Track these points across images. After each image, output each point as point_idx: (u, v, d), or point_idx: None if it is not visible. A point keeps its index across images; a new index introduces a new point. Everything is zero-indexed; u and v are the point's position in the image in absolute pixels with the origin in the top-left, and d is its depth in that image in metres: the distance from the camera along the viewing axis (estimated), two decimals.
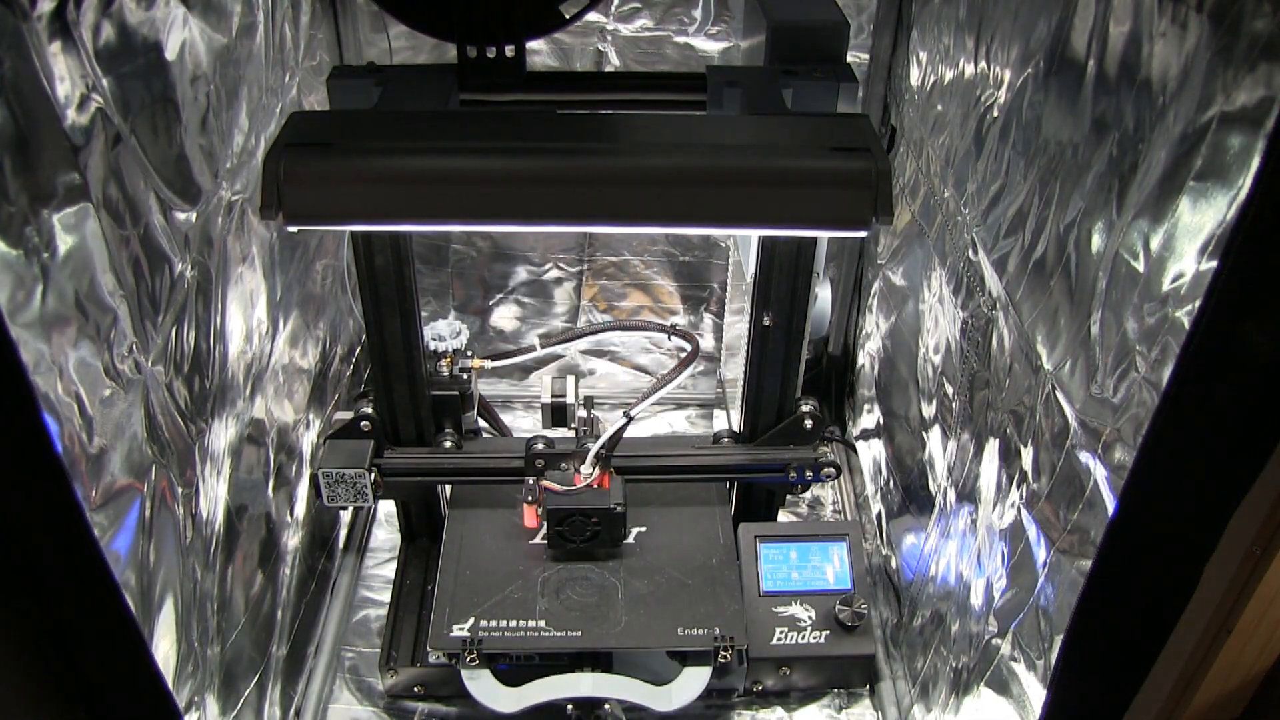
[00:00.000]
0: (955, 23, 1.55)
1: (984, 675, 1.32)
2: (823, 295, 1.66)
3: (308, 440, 1.84)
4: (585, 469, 1.60)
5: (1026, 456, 1.22)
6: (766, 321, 1.55)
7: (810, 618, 1.64)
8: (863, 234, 1.14)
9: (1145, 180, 0.95)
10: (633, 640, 1.53)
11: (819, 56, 1.35)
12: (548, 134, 1.15)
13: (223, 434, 1.38)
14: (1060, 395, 1.12)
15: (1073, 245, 1.11)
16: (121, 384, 1.05)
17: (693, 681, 1.56)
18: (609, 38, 2.04)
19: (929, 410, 1.68)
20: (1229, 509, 0.79)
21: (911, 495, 1.78)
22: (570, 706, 1.55)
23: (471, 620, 1.54)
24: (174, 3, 1.21)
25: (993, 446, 1.34)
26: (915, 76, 1.79)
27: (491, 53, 1.29)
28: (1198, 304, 0.76)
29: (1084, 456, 1.06)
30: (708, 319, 2.41)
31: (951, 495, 1.52)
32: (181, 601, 1.20)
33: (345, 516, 2.05)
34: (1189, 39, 0.89)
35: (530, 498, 1.61)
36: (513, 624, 1.54)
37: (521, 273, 2.36)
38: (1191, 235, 0.88)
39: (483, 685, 1.55)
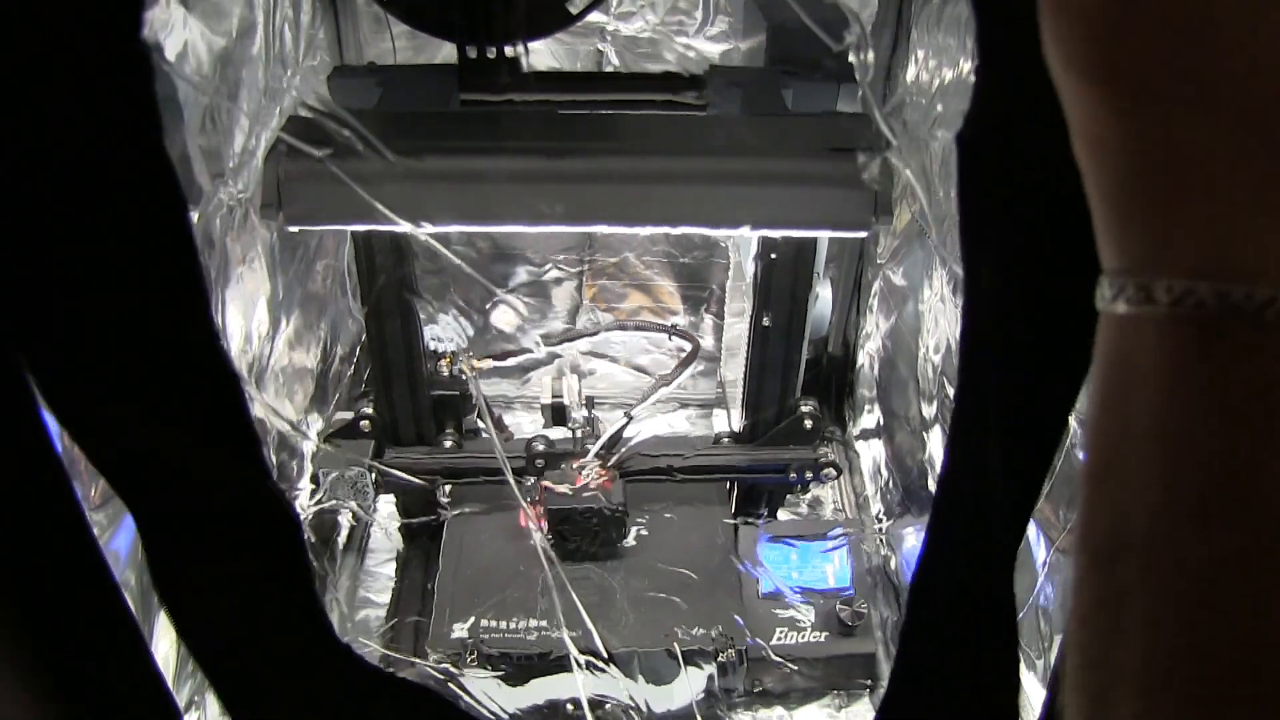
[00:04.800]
0: (955, 23, 1.55)
1: None
2: (823, 295, 1.66)
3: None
4: (585, 469, 1.61)
5: None
6: (766, 322, 1.54)
7: (810, 618, 1.64)
8: (863, 234, 1.14)
9: None
10: (633, 640, 1.53)
11: (819, 57, 1.35)
12: (548, 134, 1.15)
13: None
14: None
15: None
16: None
17: (693, 681, 1.56)
18: (609, 38, 2.04)
19: (929, 410, 1.68)
20: None
21: (911, 495, 1.78)
22: (570, 706, 1.55)
23: (471, 620, 1.54)
24: (174, 4, 1.21)
25: None
26: (915, 76, 1.79)
27: (492, 53, 1.29)
28: None
29: (1084, 456, 1.06)
30: (708, 319, 2.41)
31: None
32: None
33: (345, 517, 2.05)
34: None
35: (531, 498, 1.61)
36: (513, 624, 1.54)
37: (521, 273, 2.35)
38: None
39: (483, 685, 1.55)
